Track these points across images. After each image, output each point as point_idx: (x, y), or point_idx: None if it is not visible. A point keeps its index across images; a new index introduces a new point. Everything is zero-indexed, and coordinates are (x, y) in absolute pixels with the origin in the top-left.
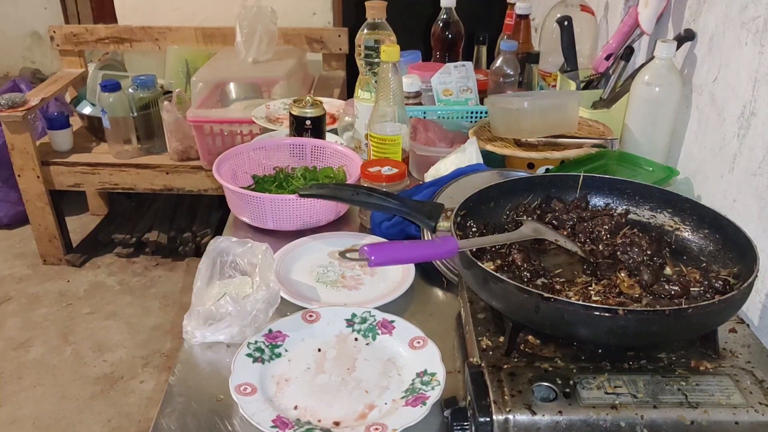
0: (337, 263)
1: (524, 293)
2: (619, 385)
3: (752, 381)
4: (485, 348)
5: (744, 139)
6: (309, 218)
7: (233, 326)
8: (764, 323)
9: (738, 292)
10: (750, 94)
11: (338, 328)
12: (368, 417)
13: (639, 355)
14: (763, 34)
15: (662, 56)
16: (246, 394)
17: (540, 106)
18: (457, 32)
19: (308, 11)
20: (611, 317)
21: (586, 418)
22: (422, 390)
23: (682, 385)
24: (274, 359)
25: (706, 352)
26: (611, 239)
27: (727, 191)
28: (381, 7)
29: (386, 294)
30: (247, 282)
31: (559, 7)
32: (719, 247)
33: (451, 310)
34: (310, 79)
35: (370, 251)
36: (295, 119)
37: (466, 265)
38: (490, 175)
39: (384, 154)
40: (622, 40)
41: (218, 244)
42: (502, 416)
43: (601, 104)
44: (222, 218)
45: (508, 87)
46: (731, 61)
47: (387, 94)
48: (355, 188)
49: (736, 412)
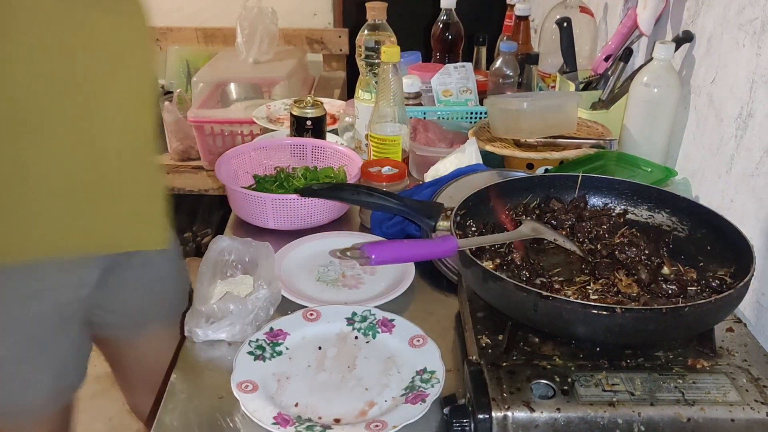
0: (338, 262)
1: (523, 292)
2: (617, 383)
3: (748, 379)
4: (484, 346)
5: (741, 139)
6: (309, 218)
7: (234, 325)
8: (761, 322)
9: (734, 290)
10: (747, 95)
11: (339, 326)
12: (368, 414)
13: (636, 353)
14: (761, 35)
15: (661, 57)
16: (247, 392)
17: (539, 107)
18: (457, 33)
19: (309, 12)
20: (609, 316)
21: (583, 415)
22: (422, 388)
23: (679, 382)
24: (275, 357)
25: (703, 351)
26: (609, 239)
27: (725, 191)
28: (381, 8)
29: (386, 293)
30: (249, 281)
31: (558, 8)
32: (716, 246)
33: (451, 309)
34: (310, 79)
35: (370, 250)
36: (295, 119)
37: (465, 264)
38: (490, 175)
39: (384, 155)
40: (621, 42)
41: (220, 243)
42: (501, 413)
43: (600, 105)
44: (222, 218)
45: (507, 88)
46: (729, 63)
47: (387, 94)
48: (355, 188)
49: (732, 409)
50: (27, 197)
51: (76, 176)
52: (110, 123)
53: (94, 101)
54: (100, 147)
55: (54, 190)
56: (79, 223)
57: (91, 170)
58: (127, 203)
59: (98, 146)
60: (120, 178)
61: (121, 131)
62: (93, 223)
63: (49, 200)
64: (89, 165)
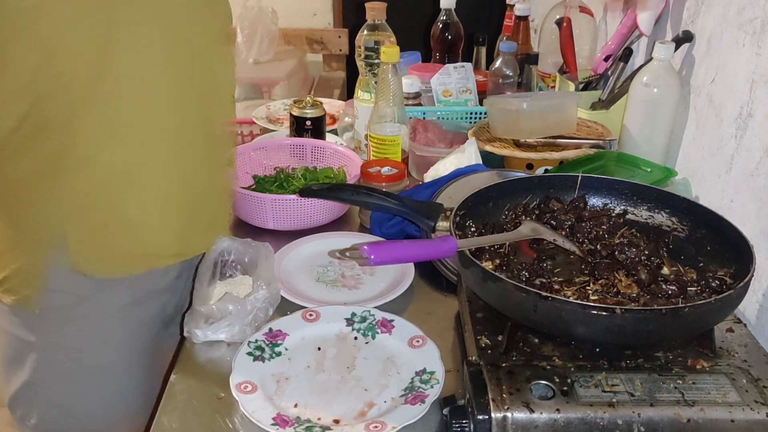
0: (337, 263)
1: (522, 292)
2: (617, 384)
3: (748, 379)
4: (484, 347)
5: (741, 140)
6: (309, 218)
7: (234, 325)
8: (761, 323)
9: (734, 291)
10: (747, 95)
11: (338, 327)
12: (367, 415)
13: (636, 353)
14: (761, 35)
15: (660, 57)
16: (246, 392)
17: (539, 107)
18: (457, 33)
19: (309, 12)
20: (609, 316)
21: (583, 416)
22: (421, 388)
23: (678, 383)
24: (274, 358)
25: (703, 351)
26: (609, 239)
27: (725, 192)
28: (381, 8)
29: (386, 293)
30: (248, 281)
31: (558, 8)
32: (716, 246)
33: (450, 310)
34: (310, 79)
35: (369, 250)
36: (295, 120)
37: (465, 265)
38: (489, 175)
39: (384, 155)
40: (620, 42)
41: (219, 243)
42: (501, 414)
43: (599, 105)
44: None
45: (507, 88)
46: (729, 63)
47: (387, 94)
48: (354, 188)
49: (732, 410)
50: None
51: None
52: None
53: (210, 100)
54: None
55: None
56: (179, 230)
57: (192, 175)
58: (210, 204)
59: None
60: (210, 178)
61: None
62: (189, 228)
63: (154, 212)
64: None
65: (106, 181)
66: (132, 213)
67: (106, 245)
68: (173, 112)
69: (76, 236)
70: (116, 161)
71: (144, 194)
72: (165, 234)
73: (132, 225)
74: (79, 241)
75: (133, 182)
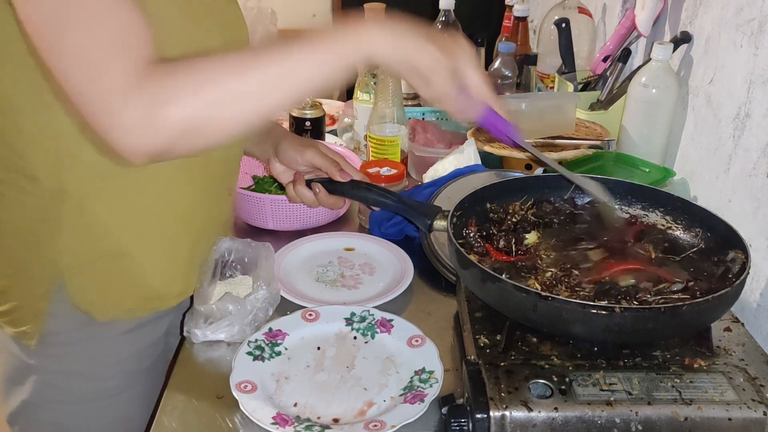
0: (337, 263)
1: (522, 292)
2: (614, 382)
3: (745, 378)
4: (482, 346)
5: (739, 140)
6: (309, 218)
7: (234, 325)
8: (758, 322)
9: (731, 288)
10: (745, 95)
11: (337, 326)
12: (367, 414)
13: (634, 352)
14: (758, 36)
15: (659, 58)
16: (246, 392)
17: (538, 108)
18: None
19: (308, 13)
20: (608, 315)
21: (581, 415)
22: (420, 387)
23: (676, 382)
24: (274, 357)
25: (701, 350)
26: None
27: (723, 192)
28: (380, 9)
29: (385, 293)
30: (248, 281)
31: (557, 9)
32: (710, 245)
33: (449, 309)
34: None
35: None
36: (294, 120)
37: (463, 265)
38: (488, 175)
39: (383, 155)
40: (619, 42)
41: (219, 244)
42: (499, 413)
43: (598, 106)
44: None
45: (506, 88)
46: (727, 63)
47: (386, 95)
48: (354, 181)
49: (729, 408)
50: (143, 252)
51: (189, 222)
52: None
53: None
54: (205, 191)
55: (163, 239)
56: (183, 270)
57: (192, 213)
58: (212, 237)
59: (200, 190)
60: (210, 213)
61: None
62: (192, 265)
63: (156, 254)
64: (194, 207)
65: (103, 225)
66: (133, 257)
67: (109, 290)
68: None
69: (76, 282)
70: (111, 205)
71: (145, 237)
72: (169, 276)
73: (134, 269)
74: (80, 287)
75: (131, 226)
